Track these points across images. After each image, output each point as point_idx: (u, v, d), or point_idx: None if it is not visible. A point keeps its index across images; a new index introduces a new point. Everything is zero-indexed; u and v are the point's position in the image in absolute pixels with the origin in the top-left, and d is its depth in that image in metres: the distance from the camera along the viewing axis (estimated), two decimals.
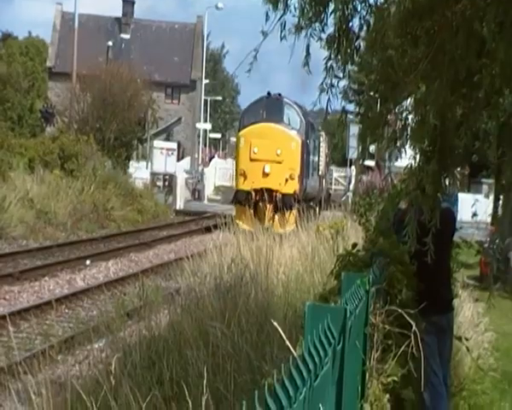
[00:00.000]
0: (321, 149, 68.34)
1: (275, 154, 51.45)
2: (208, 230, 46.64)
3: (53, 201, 45.95)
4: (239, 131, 57.41)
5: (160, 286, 23.85)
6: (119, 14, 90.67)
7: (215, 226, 32.56)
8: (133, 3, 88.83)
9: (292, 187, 51.63)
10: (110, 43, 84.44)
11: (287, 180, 51.41)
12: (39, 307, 23.16)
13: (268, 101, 54.87)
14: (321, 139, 68.79)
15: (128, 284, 29.56)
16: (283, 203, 50.37)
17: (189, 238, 51.78)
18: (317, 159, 65.33)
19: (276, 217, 49.72)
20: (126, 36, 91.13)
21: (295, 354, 3.74)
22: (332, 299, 6.35)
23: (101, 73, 69.12)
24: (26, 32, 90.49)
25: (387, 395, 6.90)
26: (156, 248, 45.68)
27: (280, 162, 51.63)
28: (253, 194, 51.00)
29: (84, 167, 54.37)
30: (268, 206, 50.21)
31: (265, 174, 51.27)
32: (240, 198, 51.12)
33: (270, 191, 50.65)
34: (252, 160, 51.91)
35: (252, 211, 50.16)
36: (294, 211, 47.94)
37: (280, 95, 55.34)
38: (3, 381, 12.36)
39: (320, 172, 68.18)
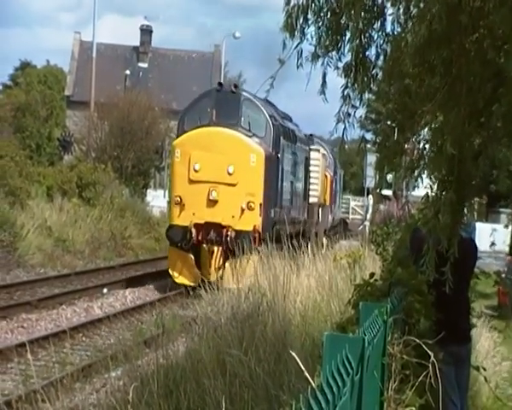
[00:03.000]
0: (315, 170, 51.49)
1: (225, 173, 34.01)
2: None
3: (71, 229, 45.97)
4: (176, 138, 39.26)
5: (178, 314, 23.92)
6: (136, 42, 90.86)
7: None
8: (151, 32, 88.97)
9: (250, 221, 34.30)
10: (128, 71, 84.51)
11: (243, 211, 34.21)
12: (57, 335, 23.18)
13: (219, 95, 36.98)
14: (316, 157, 52.16)
15: (145, 312, 29.75)
16: (238, 245, 31.62)
17: None
18: (303, 181, 46.98)
19: (228, 266, 32.55)
20: (144, 65, 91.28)
21: (313, 384, 3.73)
22: (350, 329, 6.34)
23: (118, 102, 69.05)
24: (45, 60, 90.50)
25: None
26: None
27: (233, 185, 34.18)
28: (194, 231, 33.75)
29: (101, 196, 54.26)
30: (215, 249, 34.04)
31: (211, 203, 34.02)
32: (174, 238, 34.55)
33: (218, 228, 33.85)
34: (192, 181, 34.27)
35: (192, 257, 34.31)
36: (255, 257, 29.65)
37: (237, 87, 38.60)
38: (22, 409, 12.35)
39: (314, 200, 51.54)
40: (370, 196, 58.68)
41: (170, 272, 34.05)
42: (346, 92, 10.52)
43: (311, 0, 9.68)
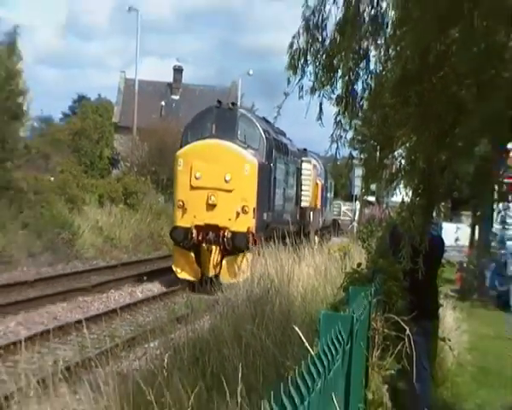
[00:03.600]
0: (306, 178, 48.99)
1: (223, 180, 32.14)
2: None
3: (118, 229, 45.88)
4: (179, 149, 36.25)
5: (203, 297, 23.84)
6: (170, 79, 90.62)
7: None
8: (181, 71, 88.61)
9: (245, 223, 32.39)
10: (163, 103, 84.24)
11: (238, 214, 32.27)
12: (107, 314, 23.12)
13: (218, 112, 35.15)
14: (307, 168, 49.70)
15: (177, 295, 29.64)
16: (233, 244, 31.70)
17: None
18: (294, 188, 44.52)
19: (225, 263, 32.04)
20: (176, 97, 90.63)
21: (312, 352, 3.70)
22: (341, 308, 6.32)
23: (156, 128, 68.97)
24: (97, 94, 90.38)
25: (386, 386, 6.86)
26: None
27: (229, 191, 32.30)
28: (195, 232, 31.74)
29: (142, 202, 54.19)
30: (213, 248, 31.91)
31: (210, 207, 32.14)
32: (177, 238, 32.44)
33: (216, 229, 31.88)
34: (193, 188, 32.34)
35: (193, 255, 32.36)
36: (249, 254, 29.78)
37: (234, 104, 36.98)
38: (79, 373, 12.34)
39: (306, 204, 48.71)
40: (357, 202, 58.28)
41: (173, 268, 32.15)
42: (338, 119, 10.48)
43: (310, 44, 9.65)
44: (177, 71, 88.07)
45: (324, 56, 9.81)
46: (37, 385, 9.07)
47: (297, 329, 4.45)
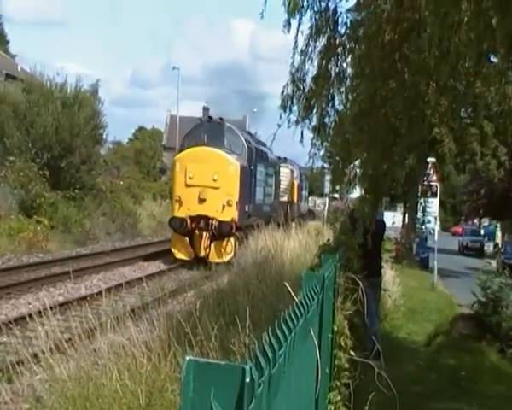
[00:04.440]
0: (284, 179, 46.20)
1: (211, 179, 29.15)
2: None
3: (165, 216, 45.87)
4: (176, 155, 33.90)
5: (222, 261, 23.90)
6: (200, 114, 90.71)
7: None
8: (208, 109, 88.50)
9: (229, 214, 29.24)
10: None
11: (224, 207, 29.18)
12: (159, 273, 23.09)
13: (209, 125, 31.97)
14: (285, 171, 46.95)
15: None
16: (220, 231, 28.65)
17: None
18: (273, 187, 40.27)
19: (213, 246, 28.88)
20: None
21: (296, 299, 3.67)
22: (316, 270, 6.30)
23: None
24: (152, 125, 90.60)
25: (346, 321, 6.80)
26: None
27: (217, 188, 29.21)
28: (189, 221, 28.65)
29: None
30: (204, 234, 28.92)
31: (201, 201, 29.19)
32: (174, 225, 29.14)
33: (206, 218, 28.83)
34: (187, 185, 29.31)
35: (187, 239, 29.04)
36: (232, 239, 28.61)
37: (222, 119, 32.72)
38: (140, 313, 12.32)
39: (284, 199, 45.97)
40: (327, 198, 58.00)
41: (172, 250, 28.55)
42: (313, 141, 10.44)
43: (294, 92, 9.59)
44: (205, 109, 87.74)
45: (304, 100, 9.76)
46: (112, 321, 9.05)
47: (287, 284, 4.41)
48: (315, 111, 9.84)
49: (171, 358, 6.83)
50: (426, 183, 32.04)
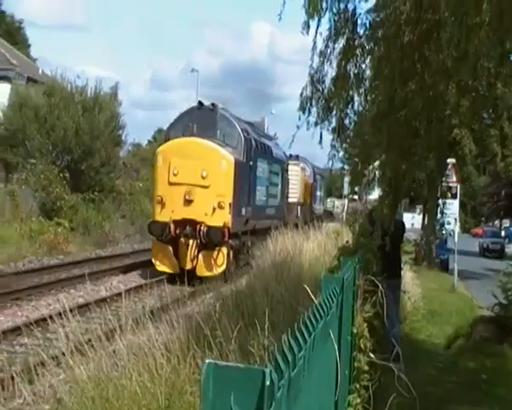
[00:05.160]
0: (294, 178, 40.66)
1: (199, 176, 23.64)
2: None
3: None
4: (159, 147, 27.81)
5: (241, 264, 23.86)
6: None
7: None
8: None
9: (221, 218, 23.58)
10: None
11: (214, 209, 23.63)
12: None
13: (199, 112, 25.64)
14: (294, 169, 41.19)
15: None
16: (209, 238, 23.02)
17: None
18: (279, 186, 33.95)
19: (201, 256, 23.18)
20: None
21: (316, 302, 3.66)
22: (336, 272, 6.28)
23: None
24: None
25: (365, 323, 6.78)
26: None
27: (206, 187, 23.72)
28: (172, 226, 23.09)
29: None
30: (190, 242, 23.25)
31: (188, 202, 23.55)
32: (154, 232, 23.78)
33: (193, 223, 23.24)
34: (171, 183, 23.76)
35: (171, 248, 23.37)
36: (224, 248, 23.12)
37: (214, 105, 26.16)
38: (159, 314, 12.33)
39: (294, 200, 40.52)
40: (346, 199, 56.96)
41: (153, 260, 23.23)
42: (333, 143, 10.44)
43: (314, 93, 9.59)
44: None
45: (323, 101, 9.75)
46: (131, 322, 9.07)
47: (306, 286, 4.41)
48: (334, 113, 9.85)
49: (191, 359, 6.84)
50: (446, 184, 31.92)
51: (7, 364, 10.01)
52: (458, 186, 31.35)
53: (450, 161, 29.94)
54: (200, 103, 25.35)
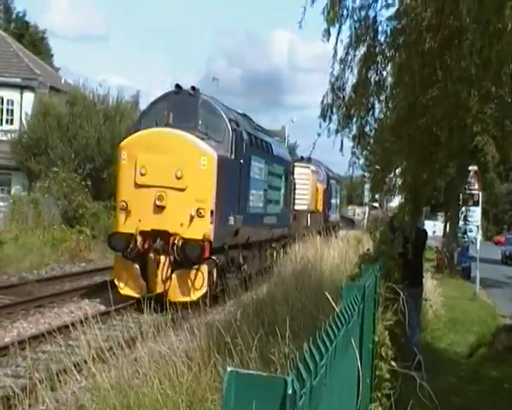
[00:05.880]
0: (303, 182, 35.44)
1: (173, 176, 17.70)
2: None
3: None
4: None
5: (263, 273, 23.77)
6: None
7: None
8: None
9: (200, 229, 17.60)
10: None
11: (192, 218, 17.63)
12: None
13: (177, 98, 19.68)
14: (303, 172, 35.96)
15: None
16: (184, 255, 17.29)
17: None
18: (283, 191, 27.56)
19: (175, 277, 17.53)
20: None
21: (337, 310, 3.64)
22: (357, 279, 6.26)
23: None
24: None
25: (387, 331, 6.75)
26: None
27: (181, 190, 17.79)
28: (140, 239, 17.50)
29: None
30: (162, 259, 17.59)
31: (158, 209, 17.75)
32: (116, 246, 18.07)
33: (165, 236, 17.53)
34: (138, 186, 17.88)
35: (137, 267, 17.67)
36: (204, 267, 17.66)
37: (195, 89, 19.76)
38: (180, 322, 12.36)
39: (302, 207, 34.94)
40: (367, 207, 56.30)
41: (115, 282, 17.73)
42: (353, 150, 10.43)
43: (334, 101, 9.59)
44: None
45: (344, 109, 9.76)
46: (153, 330, 9.10)
47: (327, 294, 4.39)
48: (355, 120, 9.86)
49: (212, 367, 6.84)
50: (467, 191, 31.73)
51: (30, 371, 10.04)
52: (480, 194, 31.17)
53: (472, 168, 29.75)
54: (178, 87, 19.53)
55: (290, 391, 1.63)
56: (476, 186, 31.04)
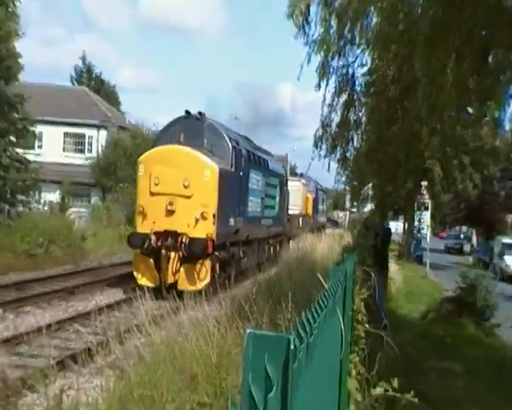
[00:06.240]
0: (295, 193, 33.22)
1: (181, 185, 15.99)
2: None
3: None
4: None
5: (272, 259, 23.62)
6: None
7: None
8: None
9: (204, 229, 15.88)
10: None
11: (197, 220, 15.93)
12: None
13: (186, 122, 17.76)
14: (295, 185, 34.11)
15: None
16: (190, 251, 15.54)
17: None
18: (277, 198, 25.10)
19: (182, 270, 15.84)
20: None
21: (326, 287, 3.59)
22: (340, 264, 6.20)
23: None
24: None
25: (362, 302, 6.67)
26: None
27: (188, 197, 16.04)
28: (154, 238, 15.73)
29: None
30: (172, 254, 15.81)
31: (169, 212, 16.00)
32: (133, 243, 16.02)
33: (174, 235, 15.80)
34: (152, 193, 16.18)
35: (152, 261, 16.01)
36: (208, 261, 15.91)
37: (201, 114, 17.95)
38: (212, 296, 12.24)
39: (295, 212, 32.89)
40: (347, 211, 55.92)
41: (134, 274, 16.26)
42: (337, 170, 10.41)
43: (323, 133, 9.55)
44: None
45: (331, 140, 9.71)
46: (192, 302, 9.03)
47: (319, 275, 4.34)
48: (338, 148, 9.84)
49: (235, 329, 6.79)
50: (420, 200, 31.69)
51: (104, 330, 10.02)
52: (430, 202, 31.09)
53: (424, 183, 29.68)
54: (188, 112, 17.96)
55: (292, 347, 1.59)
56: (427, 196, 31.00)
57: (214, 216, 16.15)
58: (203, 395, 4.99)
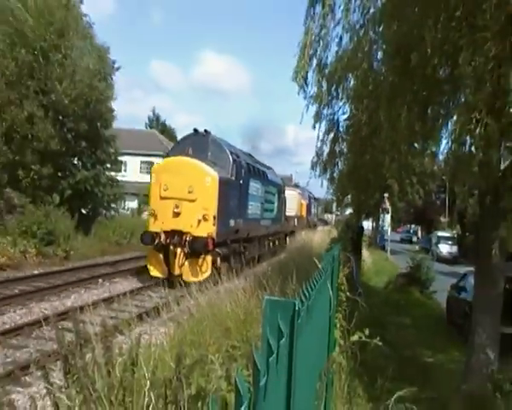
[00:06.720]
0: (292, 199, 28.79)
1: (186, 191, 12.81)
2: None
3: None
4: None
5: (280, 249, 23.30)
6: None
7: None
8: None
9: (205, 229, 12.72)
10: None
11: (199, 221, 12.74)
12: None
13: (194, 138, 14.58)
14: (291, 193, 29.59)
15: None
16: (193, 247, 12.49)
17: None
18: (276, 203, 21.41)
19: (187, 263, 12.76)
20: None
21: (320, 267, 3.53)
22: (329, 251, 6.13)
23: None
24: None
25: (344, 277, 6.57)
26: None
27: (192, 201, 12.78)
28: (163, 236, 12.72)
29: None
30: (178, 250, 12.72)
31: (176, 214, 12.77)
32: (145, 240, 12.96)
33: (180, 234, 12.70)
34: (162, 198, 12.94)
35: (161, 256, 13.06)
36: (209, 257, 12.80)
37: (207, 131, 14.82)
38: (240, 272, 12.04)
39: (291, 214, 28.09)
40: (334, 214, 55.44)
41: (147, 266, 13.81)
42: (328, 186, 10.29)
43: (317, 160, 9.46)
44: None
45: (323, 164, 9.61)
46: (227, 277, 8.93)
47: (315, 259, 4.27)
48: (328, 171, 9.71)
49: (256, 296, 6.72)
50: (383, 206, 31.62)
51: (167, 295, 10.02)
52: (390, 208, 31.04)
53: (386, 195, 29.61)
54: (196, 130, 15.40)
55: (297, 308, 1.55)
56: (388, 204, 30.94)
57: (214, 217, 13.71)
58: (234, 341, 4.93)
